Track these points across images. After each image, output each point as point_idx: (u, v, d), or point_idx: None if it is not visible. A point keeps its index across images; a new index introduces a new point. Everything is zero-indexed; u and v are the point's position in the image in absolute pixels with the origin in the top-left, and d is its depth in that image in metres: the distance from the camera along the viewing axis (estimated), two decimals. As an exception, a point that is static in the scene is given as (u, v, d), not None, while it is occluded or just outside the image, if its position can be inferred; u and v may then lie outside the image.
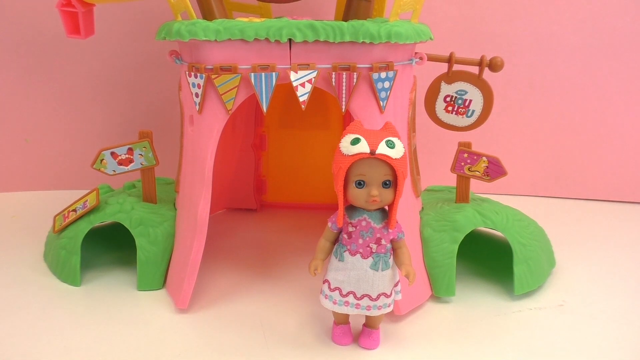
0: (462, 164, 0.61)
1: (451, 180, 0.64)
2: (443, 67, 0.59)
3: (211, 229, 0.57)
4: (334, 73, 0.51)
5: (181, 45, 0.56)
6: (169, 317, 0.54)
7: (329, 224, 0.48)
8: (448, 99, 0.60)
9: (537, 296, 0.58)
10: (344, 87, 0.51)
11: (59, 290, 0.59)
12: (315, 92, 0.52)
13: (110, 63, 0.85)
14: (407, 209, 0.57)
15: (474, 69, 0.58)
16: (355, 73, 0.51)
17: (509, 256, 0.58)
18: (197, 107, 0.53)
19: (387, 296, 0.47)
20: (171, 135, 0.76)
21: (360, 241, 0.46)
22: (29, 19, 0.82)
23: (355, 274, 0.46)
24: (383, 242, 0.46)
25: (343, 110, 0.52)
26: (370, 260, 0.46)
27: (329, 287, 0.48)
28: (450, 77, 0.59)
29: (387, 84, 0.52)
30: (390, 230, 0.46)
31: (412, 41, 0.53)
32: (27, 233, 0.72)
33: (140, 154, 0.61)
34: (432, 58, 0.58)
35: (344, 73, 0.51)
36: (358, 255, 0.46)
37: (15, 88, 0.86)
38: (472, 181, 0.62)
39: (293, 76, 0.51)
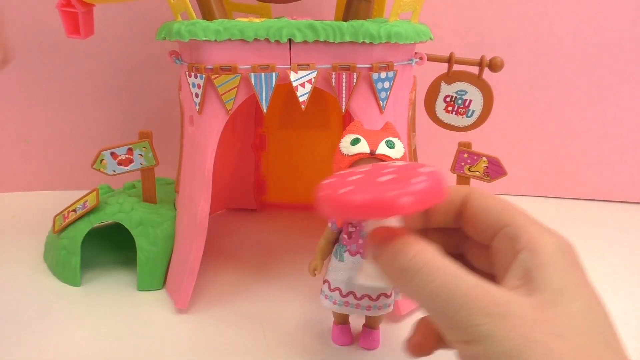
0: (462, 164, 0.61)
1: (451, 180, 0.64)
2: (443, 67, 0.59)
3: (211, 229, 0.57)
4: (333, 73, 0.51)
5: (181, 46, 0.56)
6: (169, 317, 0.54)
7: (329, 224, 0.48)
8: (448, 99, 0.60)
9: (537, 296, 0.58)
10: (343, 87, 0.51)
11: (59, 290, 0.59)
12: (315, 92, 0.52)
13: (109, 63, 0.85)
14: (407, 209, 0.57)
15: (474, 69, 0.58)
16: (355, 73, 0.51)
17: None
18: (197, 107, 0.53)
19: (387, 296, 0.47)
20: (171, 135, 0.76)
21: (361, 241, 0.46)
22: (29, 19, 0.82)
23: (355, 274, 0.46)
24: (383, 242, 0.46)
25: (343, 110, 0.52)
26: (370, 260, 0.46)
27: (329, 288, 0.48)
28: (450, 77, 0.59)
29: (387, 84, 0.52)
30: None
31: (412, 41, 0.53)
32: (27, 233, 0.72)
33: (140, 154, 0.61)
34: (432, 58, 0.58)
35: (344, 73, 0.51)
36: (358, 256, 0.46)
37: (15, 88, 0.85)
38: (472, 181, 0.62)
39: (293, 76, 0.51)
